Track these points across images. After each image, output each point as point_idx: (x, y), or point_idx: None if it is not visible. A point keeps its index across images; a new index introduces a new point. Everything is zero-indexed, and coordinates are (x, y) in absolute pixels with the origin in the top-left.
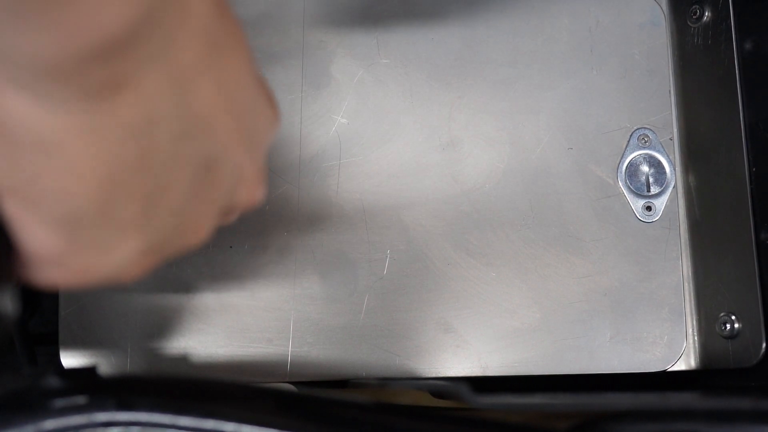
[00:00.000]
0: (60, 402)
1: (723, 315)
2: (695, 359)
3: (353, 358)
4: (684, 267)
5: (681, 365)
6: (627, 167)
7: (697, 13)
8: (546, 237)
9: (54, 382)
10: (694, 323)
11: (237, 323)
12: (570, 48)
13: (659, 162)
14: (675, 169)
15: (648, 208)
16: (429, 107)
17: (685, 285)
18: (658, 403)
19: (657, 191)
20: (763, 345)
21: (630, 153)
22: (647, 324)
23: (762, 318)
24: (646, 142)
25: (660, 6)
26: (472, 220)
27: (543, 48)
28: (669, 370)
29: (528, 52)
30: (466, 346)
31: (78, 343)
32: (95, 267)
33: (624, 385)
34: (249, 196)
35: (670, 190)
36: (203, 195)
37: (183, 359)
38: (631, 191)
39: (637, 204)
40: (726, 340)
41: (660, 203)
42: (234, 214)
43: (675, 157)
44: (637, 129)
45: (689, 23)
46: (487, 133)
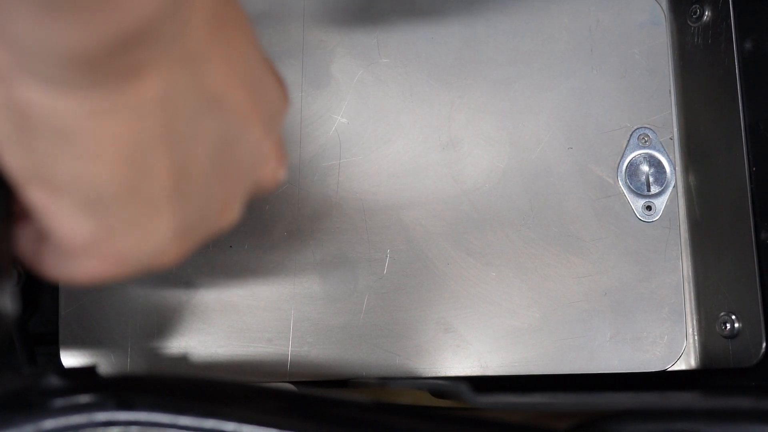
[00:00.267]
0: (60, 401)
1: (723, 314)
2: (695, 359)
3: (353, 357)
4: (684, 266)
5: (681, 365)
6: (627, 167)
7: (697, 13)
8: (546, 237)
9: (54, 381)
10: (694, 323)
11: (237, 323)
12: (570, 48)
13: (659, 162)
14: (675, 169)
15: (648, 207)
16: (429, 107)
17: (685, 285)
18: (658, 403)
19: (657, 191)
20: (763, 344)
21: (630, 152)
22: (647, 324)
23: (762, 318)
24: (646, 141)
25: (660, 5)
26: (471, 219)
27: (543, 47)
28: (669, 369)
29: (528, 51)
30: (466, 345)
31: (78, 343)
32: (131, 252)
33: (624, 385)
34: (272, 173)
35: (670, 189)
36: (227, 171)
37: (183, 359)
38: (631, 191)
39: (637, 204)
40: (726, 339)
41: (660, 203)
42: (259, 193)
43: (675, 157)
44: (637, 128)
45: (689, 23)
46: (487, 133)
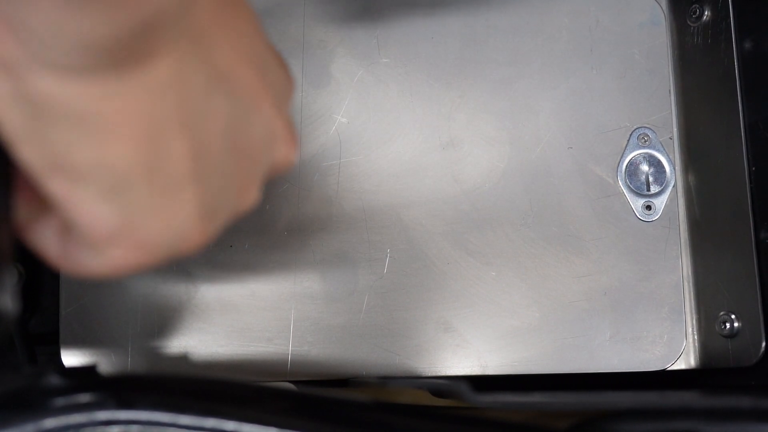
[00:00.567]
0: (60, 401)
1: (723, 314)
2: (695, 358)
3: (353, 357)
4: (684, 266)
5: (681, 364)
6: (627, 166)
7: (697, 13)
8: (546, 236)
9: (54, 380)
10: (693, 322)
11: (237, 322)
12: (570, 47)
13: (659, 161)
14: (675, 169)
15: (648, 207)
16: (429, 107)
17: (685, 284)
18: (657, 402)
19: (657, 190)
20: (763, 344)
21: (630, 152)
22: (647, 323)
23: (762, 317)
24: (645, 141)
25: (660, 5)
26: (471, 219)
27: (543, 47)
28: (669, 369)
29: (528, 51)
30: (465, 345)
31: (78, 342)
32: (158, 237)
33: (624, 384)
34: (285, 153)
35: (669, 189)
36: (242, 150)
37: (183, 358)
38: (631, 190)
39: (637, 203)
40: (726, 339)
41: (660, 202)
42: (274, 175)
43: (675, 157)
44: (637, 128)
45: (689, 22)
46: (487, 133)
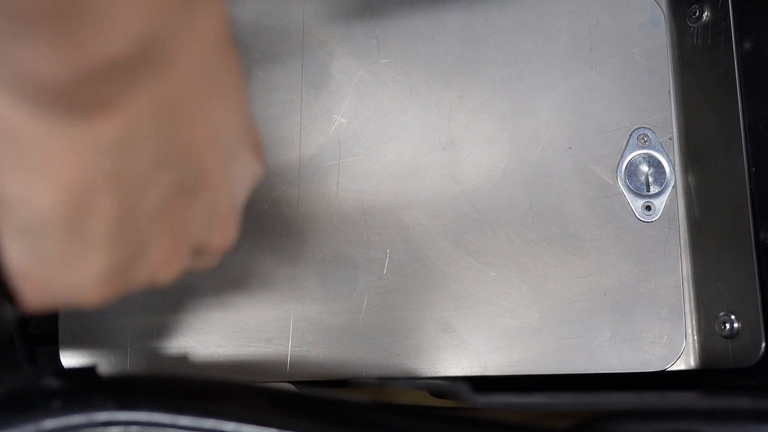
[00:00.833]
0: (60, 401)
1: (722, 314)
2: (695, 359)
3: (353, 357)
4: (683, 267)
5: (680, 365)
6: (626, 167)
7: (697, 13)
8: (545, 236)
9: (54, 381)
10: (693, 323)
11: (236, 323)
12: (570, 48)
13: (659, 162)
14: (674, 169)
15: (647, 207)
16: (429, 107)
17: (685, 285)
18: (657, 403)
19: (656, 191)
20: (763, 344)
21: (629, 153)
22: (647, 323)
23: (761, 317)
24: (645, 141)
25: (659, 6)
26: (471, 219)
27: (543, 48)
28: (668, 369)
29: (528, 51)
30: (465, 345)
31: (78, 343)
32: (58, 284)
33: (623, 385)
34: (220, 237)
35: (669, 189)
36: (173, 226)
37: (183, 359)
38: (631, 191)
39: (637, 204)
40: (725, 339)
41: (659, 203)
42: (204, 255)
43: (674, 157)
44: (637, 129)
45: (689, 23)
46: (487, 133)
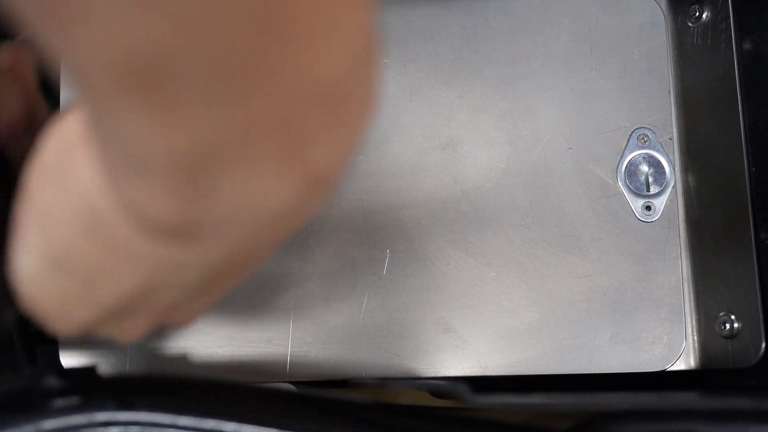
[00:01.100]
0: (59, 402)
1: (722, 315)
2: (695, 359)
3: (353, 357)
4: (683, 267)
5: (680, 365)
6: (626, 167)
7: (697, 13)
8: (545, 237)
9: (54, 381)
10: (693, 323)
11: (236, 323)
12: (570, 48)
13: (659, 162)
14: (674, 169)
15: (647, 207)
16: (429, 107)
17: (685, 285)
18: (657, 403)
19: (656, 191)
20: (763, 345)
21: (629, 153)
22: (647, 324)
23: (761, 318)
24: (645, 141)
25: (660, 6)
26: (471, 219)
27: (543, 48)
28: (668, 369)
29: (528, 51)
30: (465, 345)
31: (78, 343)
32: (45, 309)
33: (623, 385)
34: (182, 323)
35: (669, 189)
36: (156, 315)
37: (182, 359)
38: (631, 191)
39: (637, 204)
40: (725, 339)
41: (659, 203)
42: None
43: (674, 157)
44: (637, 129)
45: (689, 23)
46: (487, 133)
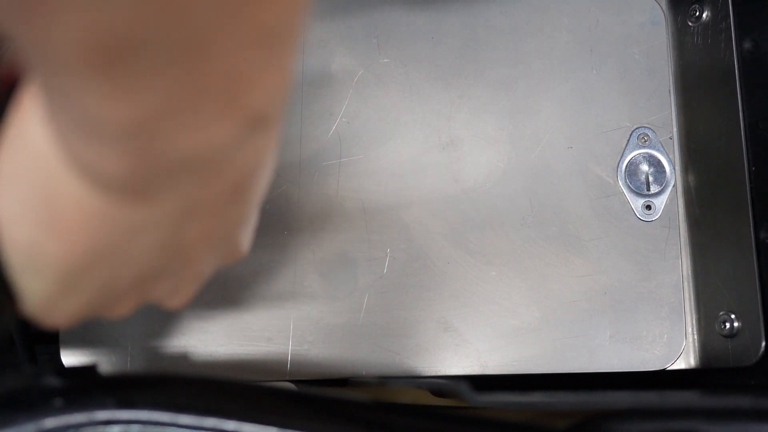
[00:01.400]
0: (60, 400)
1: (722, 314)
2: (695, 358)
3: (353, 356)
4: (683, 266)
5: (680, 364)
6: (627, 166)
7: (697, 13)
8: (546, 236)
9: (54, 380)
10: (693, 322)
11: (237, 322)
12: (570, 48)
13: (659, 161)
14: (675, 168)
15: (648, 207)
16: (429, 106)
17: (685, 284)
18: (657, 402)
19: (657, 190)
20: (763, 344)
21: (630, 152)
22: (647, 323)
23: (761, 317)
24: (645, 141)
25: (660, 5)
26: (471, 219)
27: (543, 48)
28: (668, 368)
29: (528, 51)
30: (465, 344)
31: (78, 342)
32: (30, 308)
33: (623, 384)
34: (174, 303)
35: (669, 189)
36: (139, 291)
37: (183, 358)
38: (631, 190)
39: (637, 203)
40: (725, 338)
41: (660, 202)
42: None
43: (675, 156)
44: (637, 128)
45: (689, 23)
46: (487, 133)
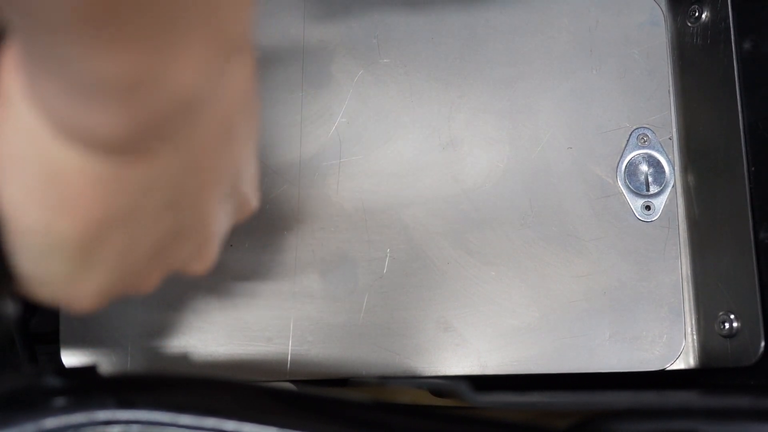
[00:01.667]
0: (60, 400)
1: (722, 314)
2: (694, 358)
3: (353, 356)
4: (683, 266)
5: (680, 364)
6: (626, 166)
7: (696, 13)
8: (545, 236)
9: (54, 380)
10: (693, 322)
11: (237, 321)
12: (570, 48)
13: (658, 161)
14: (674, 169)
15: (647, 207)
16: (429, 107)
17: (684, 284)
18: (657, 402)
19: (656, 190)
20: (762, 344)
21: (629, 152)
22: (646, 323)
23: (761, 317)
24: (645, 141)
25: (659, 6)
26: (471, 219)
27: (543, 48)
28: (668, 368)
29: (528, 51)
30: (465, 344)
31: (78, 342)
32: (56, 295)
33: (623, 384)
34: (197, 267)
35: (669, 189)
36: (161, 258)
37: (183, 358)
38: (631, 190)
39: (637, 203)
40: (725, 339)
41: (659, 202)
42: (181, 274)
43: (674, 157)
44: (637, 128)
45: (688, 23)
46: (487, 133)
